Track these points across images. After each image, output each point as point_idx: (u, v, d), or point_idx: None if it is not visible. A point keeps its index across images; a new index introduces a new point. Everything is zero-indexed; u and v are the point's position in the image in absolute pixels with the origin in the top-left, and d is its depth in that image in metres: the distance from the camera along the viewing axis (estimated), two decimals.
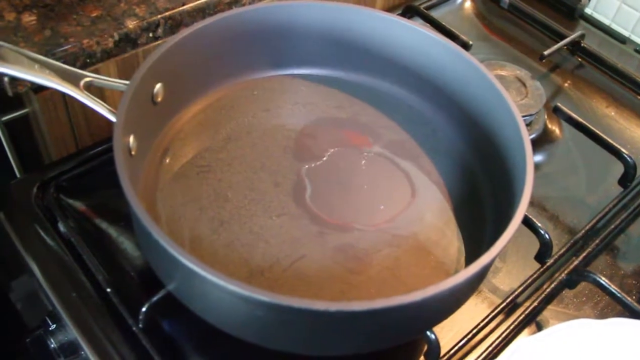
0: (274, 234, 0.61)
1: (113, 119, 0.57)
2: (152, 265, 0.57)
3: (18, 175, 0.83)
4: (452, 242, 0.64)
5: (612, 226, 0.73)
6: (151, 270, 0.57)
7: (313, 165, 0.68)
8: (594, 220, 0.73)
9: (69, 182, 0.70)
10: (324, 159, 0.69)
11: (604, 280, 0.65)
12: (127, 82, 0.59)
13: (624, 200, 0.76)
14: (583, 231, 0.71)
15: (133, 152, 0.59)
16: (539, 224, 0.67)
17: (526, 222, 0.67)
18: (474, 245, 0.64)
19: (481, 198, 0.68)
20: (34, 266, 0.64)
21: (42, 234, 0.66)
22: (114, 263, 0.64)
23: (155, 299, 0.57)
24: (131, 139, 0.58)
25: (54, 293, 0.62)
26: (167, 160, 0.66)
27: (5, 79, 0.66)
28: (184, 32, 0.64)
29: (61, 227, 0.66)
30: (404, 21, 0.71)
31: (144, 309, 0.57)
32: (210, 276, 0.46)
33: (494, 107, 0.66)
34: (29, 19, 0.71)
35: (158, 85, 0.63)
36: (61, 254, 0.64)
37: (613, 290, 0.64)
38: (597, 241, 0.71)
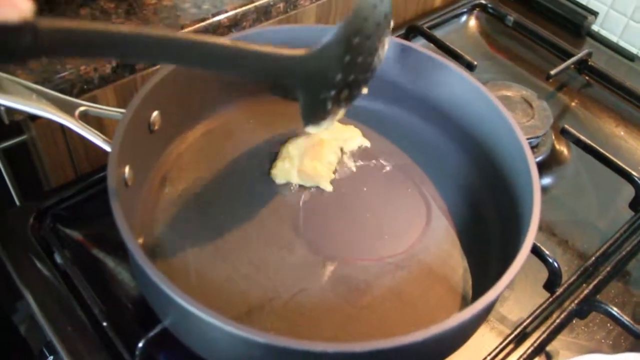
0: (274, 266, 0.59)
1: (108, 149, 0.56)
2: (148, 300, 0.55)
3: (17, 202, 0.82)
4: (458, 267, 0.62)
5: (624, 252, 0.71)
6: (147, 302, 0.56)
7: (314, 194, 0.66)
8: (605, 246, 0.71)
9: (67, 210, 0.69)
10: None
11: (615, 311, 0.63)
12: (122, 110, 0.58)
13: (635, 224, 0.74)
14: (593, 258, 0.69)
15: (129, 183, 0.58)
16: (548, 252, 0.65)
17: (534, 250, 0.65)
18: (481, 269, 0.62)
19: (487, 223, 0.66)
20: (30, 297, 0.63)
21: (38, 264, 0.65)
22: (110, 294, 0.63)
23: (151, 334, 0.55)
24: (127, 169, 0.57)
25: (50, 326, 0.61)
26: (166, 189, 0.65)
27: (2, 107, 0.66)
28: None
29: (57, 258, 0.65)
30: (405, 43, 0.70)
31: (140, 344, 0.56)
32: (205, 316, 0.45)
33: (498, 131, 0.64)
34: None
35: (155, 113, 0.62)
36: (57, 285, 0.63)
37: (625, 322, 0.62)
38: (608, 268, 0.69)
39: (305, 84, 0.58)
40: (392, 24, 0.62)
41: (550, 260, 0.64)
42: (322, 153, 0.67)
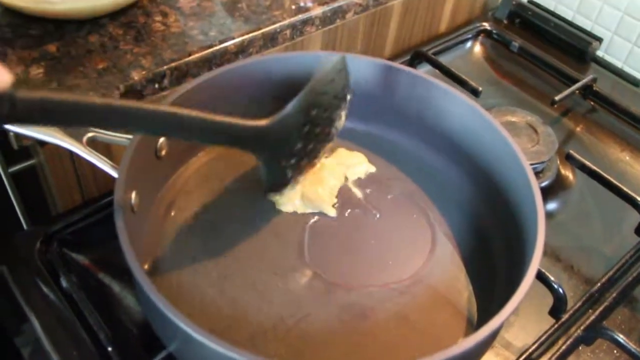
0: (278, 292, 0.60)
1: (115, 174, 0.56)
2: (153, 326, 0.55)
3: (25, 225, 0.82)
4: (464, 292, 0.62)
5: (630, 277, 0.71)
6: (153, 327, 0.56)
7: (318, 219, 0.66)
8: (611, 272, 0.71)
9: (73, 235, 0.69)
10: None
11: (621, 338, 0.62)
12: (129, 136, 0.59)
13: None
14: (599, 283, 0.69)
15: (135, 209, 0.58)
16: (553, 278, 0.65)
17: (540, 276, 0.65)
18: (486, 294, 0.62)
19: (492, 248, 0.66)
20: (35, 321, 0.63)
21: (44, 288, 0.65)
22: (115, 319, 0.63)
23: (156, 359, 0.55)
24: (133, 195, 0.58)
25: (55, 350, 0.61)
26: (172, 215, 0.65)
27: (11, 133, 0.66)
28: (188, 85, 0.64)
29: (63, 282, 0.65)
30: (409, 70, 0.71)
31: None
32: (209, 342, 0.45)
33: (503, 157, 0.65)
34: (36, 71, 0.72)
35: (161, 139, 0.63)
36: (62, 309, 0.63)
37: (632, 349, 0.62)
38: (614, 294, 0.69)
39: (267, 153, 0.62)
40: (349, 96, 0.67)
41: (556, 286, 0.64)
42: (324, 178, 0.68)
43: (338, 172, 0.70)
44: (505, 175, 0.65)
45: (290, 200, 0.67)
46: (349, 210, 0.68)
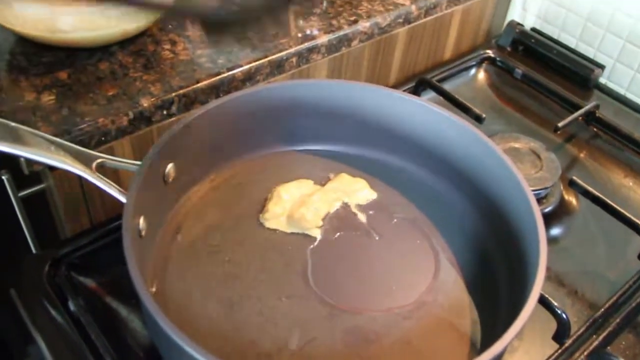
0: (283, 316, 0.60)
1: (123, 200, 0.57)
2: (159, 349, 0.56)
3: (33, 249, 0.83)
4: (467, 317, 0.63)
5: (634, 303, 0.71)
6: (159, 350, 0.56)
7: (322, 244, 0.67)
8: (615, 297, 0.71)
9: (81, 259, 0.70)
10: (335, 236, 0.68)
11: None
12: (138, 162, 0.60)
13: None
14: (603, 309, 0.69)
15: (143, 233, 0.59)
16: (556, 304, 0.65)
17: (543, 302, 0.65)
18: (490, 319, 0.62)
19: (495, 273, 0.66)
20: (42, 343, 0.63)
21: (52, 311, 0.65)
22: (122, 342, 0.64)
23: None
24: (141, 220, 0.59)
25: None
26: (178, 239, 0.66)
27: (22, 158, 0.68)
28: (196, 113, 0.65)
29: (71, 306, 0.65)
30: (413, 98, 0.72)
31: None
32: None
33: (504, 183, 0.65)
34: (47, 98, 0.73)
35: (169, 165, 0.64)
36: (70, 332, 0.64)
37: None
38: (618, 319, 0.69)
39: None
40: None
41: (559, 312, 0.65)
42: (313, 201, 0.69)
43: (331, 196, 0.71)
44: (508, 200, 0.66)
45: (276, 218, 0.68)
46: (352, 235, 0.69)
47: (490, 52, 1.07)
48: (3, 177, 0.74)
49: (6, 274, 0.70)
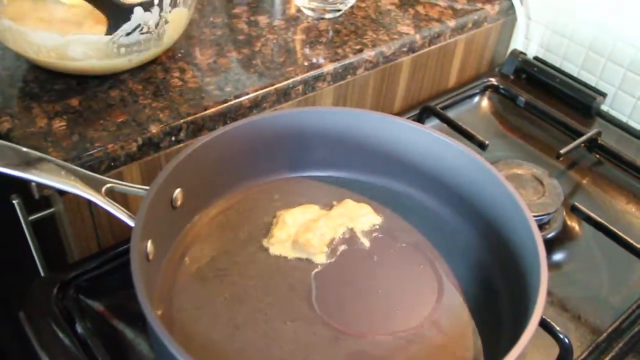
0: (287, 339, 0.61)
1: (132, 224, 0.59)
2: None
3: (42, 272, 0.84)
4: (470, 341, 0.63)
5: (637, 328, 0.71)
6: None
7: (326, 268, 0.68)
8: (618, 322, 0.71)
9: (89, 282, 0.71)
10: (339, 261, 0.69)
11: None
12: (146, 187, 0.62)
13: None
14: (606, 334, 0.70)
15: (150, 257, 0.60)
16: (558, 328, 0.65)
17: (545, 326, 0.65)
18: (493, 343, 0.63)
19: (498, 298, 0.67)
20: None
21: (60, 333, 0.66)
22: None
23: None
24: (149, 244, 0.60)
25: None
26: (185, 262, 0.67)
27: (33, 183, 0.69)
28: (204, 139, 0.67)
29: (78, 328, 0.66)
30: (417, 126, 0.73)
31: None
32: None
33: (507, 209, 0.66)
34: (59, 124, 0.75)
35: (177, 191, 0.65)
36: (77, 354, 0.65)
37: None
38: (621, 344, 0.69)
39: None
40: None
41: (561, 336, 0.65)
42: (318, 226, 0.70)
43: (336, 222, 0.72)
44: (510, 226, 0.66)
45: (281, 243, 0.69)
46: (356, 259, 0.70)
47: (493, 80, 1.09)
48: (14, 201, 0.75)
49: (15, 296, 0.71)
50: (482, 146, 0.90)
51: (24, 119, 0.75)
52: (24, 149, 0.63)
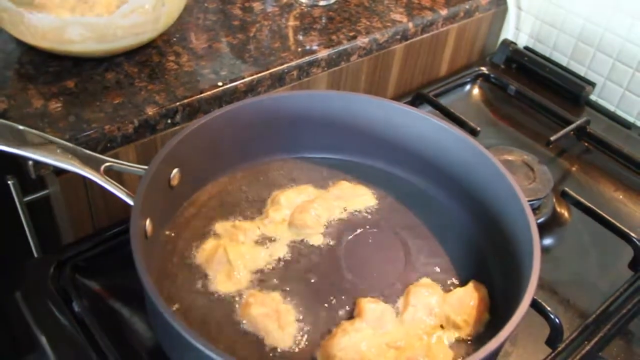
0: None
1: (131, 202, 0.59)
2: (164, 348, 0.57)
3: (35, 254, 0.84)
4: None
5: (625, 310, 0.73)
6: (162, 352, 0.58)
7: (323, 249, 0.69)
8: (606, 304, 0.72)
9: (86, 262, 0.71)
10: (335, 241, 0.70)
11: None
12: (145, 167, 0.62)
13: (635, 284, 0.76)
14: (594, 315, 0.71)
15: (148, 234, 0.61)
16: (549, 309, 0.67)
17: (536, 306, 0.67)
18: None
19: (491, 279, 0.68)
20: (46, 345, 0.64)
21: (56, 312, 0.67)
22: (125, 343, 0.65)
23: None
24: (147, 222, 0.60)
25: None
26: (181, 242, 0.68)
27: (30, 162, 0.69)
28: (200, 121, 0.67)
29: (75, 307, 0.67)
30: (414, 110, 0.74)
31: None
32: (217, 356, 0.47)
33: (500, 191, 0.67)
34: (55, 105, 0.75)
35: (174, 170, 0.66)
36: (74, 333, 0.65)
37: None
38: (609, 325, 0.71)
39: None
40: None
41: (552, 316, 0.66)
42: (314, 207, 0.71)
43: (332, 203, 0.72)
44: (504, 209, 0.67)
45: (276, 224, 0.70)
46: (348, 238, 0.71)
47: (484, 69, 1.10)
48: (9, 182, 0.75)
49: (8, 277, 0.71)
50: (473, 132, 0.91)
51: (20, 100, 0.75)
52: (20, 127, 0.63)
